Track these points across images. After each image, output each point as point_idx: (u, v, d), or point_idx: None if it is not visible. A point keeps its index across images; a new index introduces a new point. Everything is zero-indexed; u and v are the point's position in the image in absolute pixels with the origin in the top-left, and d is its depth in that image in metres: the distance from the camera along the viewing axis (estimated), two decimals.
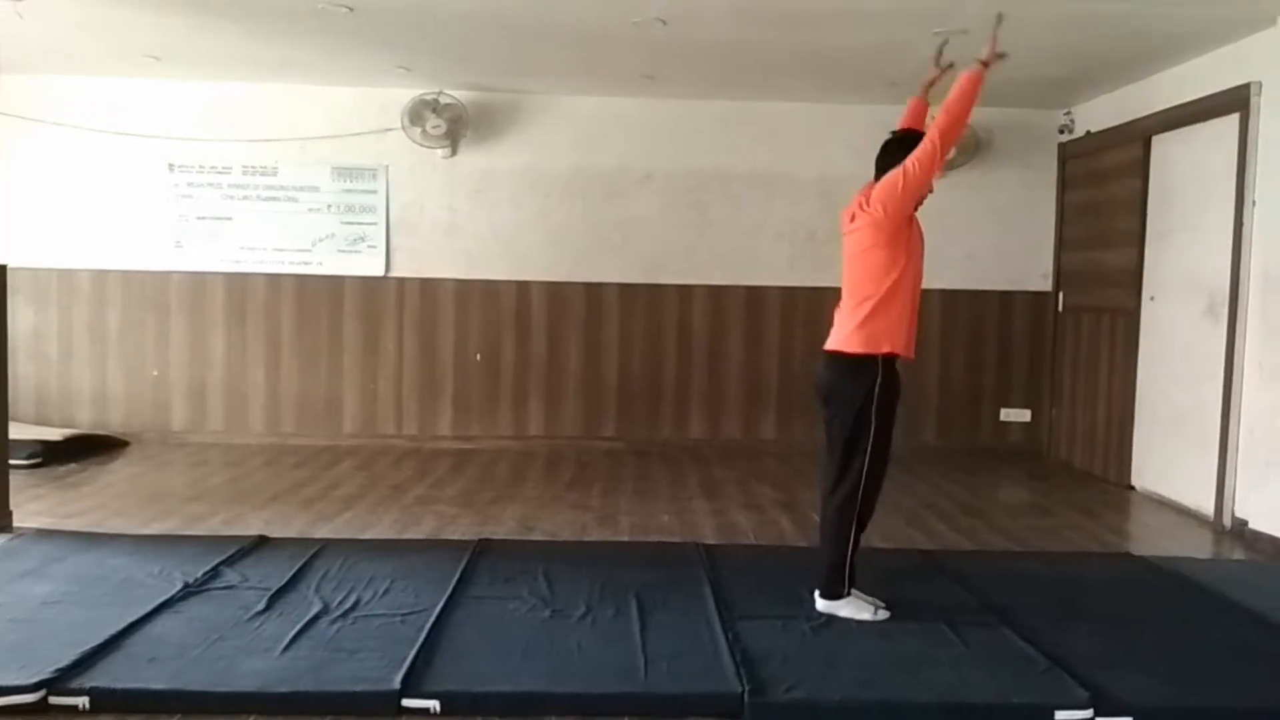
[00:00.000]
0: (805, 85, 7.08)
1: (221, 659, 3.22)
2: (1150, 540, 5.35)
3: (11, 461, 5.09)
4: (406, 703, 2.97)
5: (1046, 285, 7.68)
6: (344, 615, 3.66)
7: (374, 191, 7.50)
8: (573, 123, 7.56)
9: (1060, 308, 7.55)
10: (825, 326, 3.85)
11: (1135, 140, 6.51)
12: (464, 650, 3.36)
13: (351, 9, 5.33)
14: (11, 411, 5.15)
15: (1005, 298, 7.75)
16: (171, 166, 7.46)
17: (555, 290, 7.62)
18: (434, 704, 2.97)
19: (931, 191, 3.71)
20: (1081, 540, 5.27)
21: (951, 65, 3.88)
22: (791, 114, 7.59)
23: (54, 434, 6.86)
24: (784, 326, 7.63)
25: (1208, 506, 5.65)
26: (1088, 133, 7.20)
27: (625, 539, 5.08)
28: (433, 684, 3.06)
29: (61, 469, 6.38)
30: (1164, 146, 6.28)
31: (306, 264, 7.52)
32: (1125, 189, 6.63)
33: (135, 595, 3.78)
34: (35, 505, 5.35)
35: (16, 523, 4.85)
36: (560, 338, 7.65)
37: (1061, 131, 7.51)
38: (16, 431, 5.48)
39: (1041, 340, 7.73)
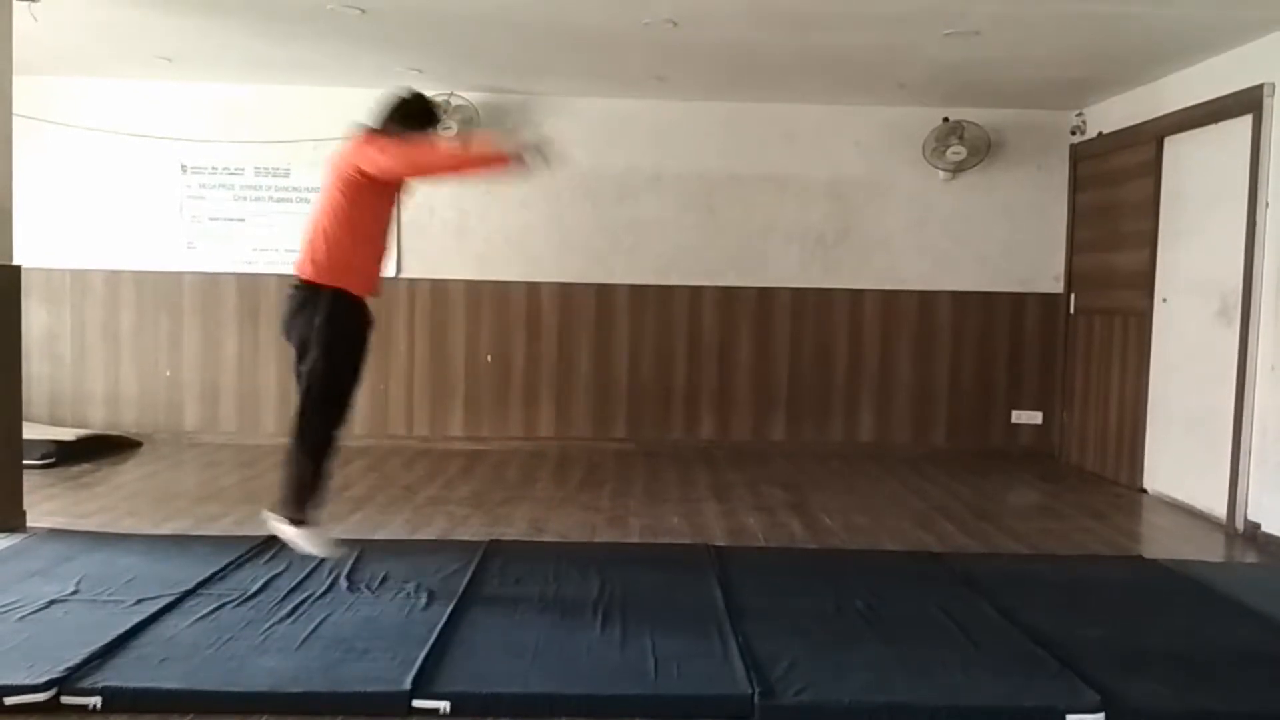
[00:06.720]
0: (816, 87, 7.08)
1: (233, 659, 3.23)
2: (1162, 543, 5.33)
3: (25, 462, 5.11)
4: (417, 703, 2.97)
5: (1058, 287, 7.65)
6: (355, 615, 3.67)
7: None
8: (583, 124, 7.55)
9: (1072, 310, 7.52)
10: (836, 328, 3.87)
11: (1147, 142, 6.48)
12: (474, 651, 3.36)
13: (363, 11, 5.35)
14: (25, 412, 5.16)
15: (1017, 299, 7.72)
16: (184, 168, 7.50)
17: (565, 291, 7.63)
18: (444, 705, 2.97)
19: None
20: (1093, 543, 5.25)
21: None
22: (802, 115, 7.59)
23: (67, 434, 6.89)
24: (794, 328, 7.59)
25: (1220, 510, 5.62)
26: (1099, 134, 7.18)
27: (635, 540, 5.08)
28: (443, 685, 3.07)
29: (75, 469, 6.41)
30: (1176, 148, 6.26)
31: None
32: (1137, 190, 6.61)
33: (147, 595, 3.80)
34: (49, 505, 5.38)
35: (30, 523, 4.87)
36: (570, 339, 7.66)
37: (1073, 133, 7.49)
38: (30, 432, 5.49)
39: (1053, 342, 7.71)
